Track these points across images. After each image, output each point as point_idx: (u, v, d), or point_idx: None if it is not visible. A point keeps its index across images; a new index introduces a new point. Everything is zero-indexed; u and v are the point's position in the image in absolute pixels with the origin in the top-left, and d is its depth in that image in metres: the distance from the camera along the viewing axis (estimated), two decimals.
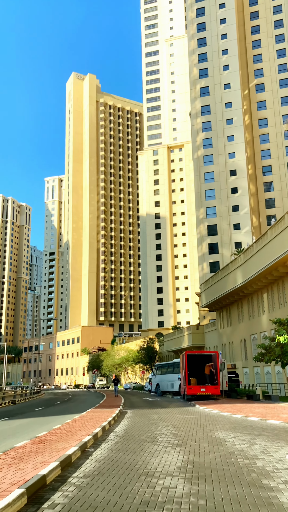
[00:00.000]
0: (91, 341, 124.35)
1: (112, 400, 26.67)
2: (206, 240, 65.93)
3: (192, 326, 58.60)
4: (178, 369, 33.77)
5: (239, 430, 11.19)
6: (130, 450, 8.15)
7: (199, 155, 68.62)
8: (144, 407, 21.30)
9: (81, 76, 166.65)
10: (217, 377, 25.11)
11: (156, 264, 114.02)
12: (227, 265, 44.46)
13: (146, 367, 70.99)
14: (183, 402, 25.60)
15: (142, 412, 17.74)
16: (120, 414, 16.60)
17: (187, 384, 25.03)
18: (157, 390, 38.86)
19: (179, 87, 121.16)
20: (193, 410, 18.84)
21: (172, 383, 34.71)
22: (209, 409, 18.68)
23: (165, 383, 36.56)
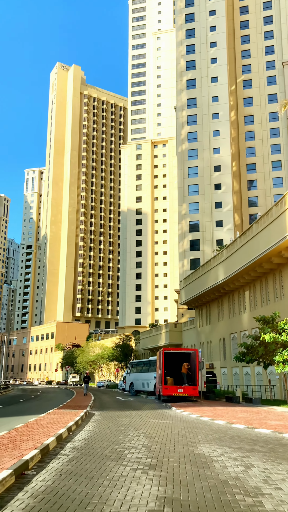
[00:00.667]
0: (66, 337, 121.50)
1: (81, 399, 24.48)
2: (188, 236, 64.20)
3: (170, 324, 56.79)
4: (154, 368, 31.78)
5: (226, 442, 9.23)
6: (86, 474, 6.04)
7: (183, 149, 66.81)
8: (115, 408, 19.23)
9: (66, 66, 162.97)
10: (196, 377, 23.22)
11: (136, 260, 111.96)
12: (209, 261, 42.73)
13: (121, 365, 68.90)
14: (158, 403, 23.60)
15: (112, 414, 15.67)
16: (85, 416, 14.46)
17: (163, 384, 23.00)
18: (130, 390, 36.78)
19: (165, 82, 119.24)
20: (169, 413, 16.87)
21: (147, 382, 32.71)
22: (187, 412, 16.71)
23: (140, 382, 34.54)
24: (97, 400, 25.59)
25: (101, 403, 23.07)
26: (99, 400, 26.40)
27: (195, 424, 12.89)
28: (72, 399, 25.37)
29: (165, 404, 21.99)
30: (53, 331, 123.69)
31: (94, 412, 16.81)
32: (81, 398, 26.51)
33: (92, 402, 21.78)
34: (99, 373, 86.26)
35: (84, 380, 31.92)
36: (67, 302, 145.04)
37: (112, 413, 16.47)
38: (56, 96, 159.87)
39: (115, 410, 17.85)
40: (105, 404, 22.26)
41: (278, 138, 66.35)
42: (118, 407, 19.77)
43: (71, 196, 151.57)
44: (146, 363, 34.32)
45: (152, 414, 16.07)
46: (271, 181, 65.87)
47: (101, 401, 24.68)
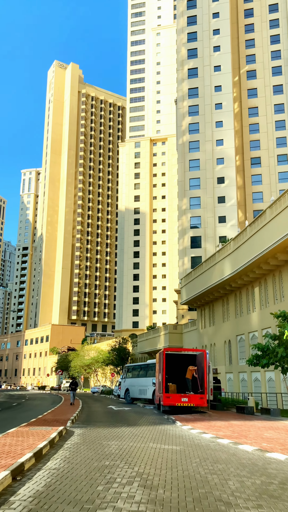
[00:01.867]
0: (61, 341, 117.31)
1: (65, 410, 20.53)
2: (189, 233, 60.48)
3: (169, 325, 52.90)
4: (153, 372, 27.91)
5: (281, 498, 5.40)
6: None
7: (184, 140, 63.22)
8: (104, 422, 15.36)
9: (63, 65, 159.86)
10: (204, 384, 19.35)
11: (133, 261, 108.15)
12: (213, 255, 38.94)
13: (117, 370, 64.90)
14: (158, 414, 19.71)
15: (97, 434, 11.80)
16: (59, 438, 10.61)
17: (165, 392, 19.09)
18: (126, 397, 32.81)
19: (164, 78, 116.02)
20: (174, 431, 13.02)
21: (145, 388, 28.82)
22: (198, 430, 12.87)
23: (136, 388, 30.63)
24: (85, 410, 21.66)
25: (88, 414, 19.15)
26: (87, 409, 22.46)
27: (213, 452, 9.05)
28: (54, 408, 21.46)
29: (166, 416, 18.10)
30: (48, 334, 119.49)
31: (75, 429, 12.93)
32: (65, 408, 22.56)
33: (77, 414, 17.89)
34: (94, 378, 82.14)
35: (70, 386, 26.73)
36: (63, 305, 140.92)
37: (99, 431, 12.59)
38: (53, 94, 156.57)
39: (103, 426, 13.95)
40: (93, 416, 18.34)
41: (284, 130, 62.89)
42: (109, 421, 15.87)
43: (67, 196, 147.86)
44: (144, 367, 30.44)
45: (151, 434, 12.23)
46: (277, 176, 62.31)
47: (89, 412, 20.77)
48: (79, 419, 16.46)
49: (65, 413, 17.85)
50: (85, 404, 27.94)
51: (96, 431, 12.56)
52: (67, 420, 14.73)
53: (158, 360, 21.19)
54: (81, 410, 20.69)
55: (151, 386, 27.57)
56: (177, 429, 13.65)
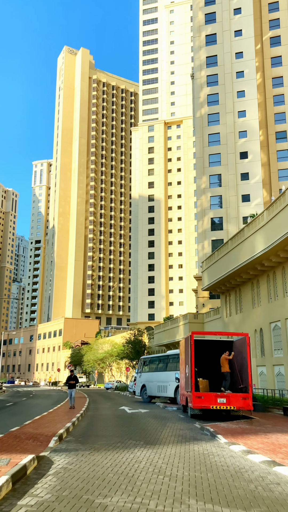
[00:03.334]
0: (75, 335, 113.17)
1: (60, 415, 15.50)
2: (209, 214, 55.11)
3: (189, 315, 47.78)
4: (175, 365, 22.94)
5: None
6: None
7: (203, 113, 57.69)
8: (109, 438, 10.32)
9: (74, 50, 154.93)
10: (249, 379, 14.22)
11: (148, 251, 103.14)
12: (241, 231, 33.58)
13: (133, 364, 60.15)
14: (185, 421, 14.65)
15: (91, 470, 6.52)
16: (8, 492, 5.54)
17: (194, 390, 13.99)
18: (142, 394, 27.88)
19: (178, 58, 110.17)
20: (222, 459, 7.79)
21: (165, 385, 23.88)
22: (261, 457, 7.72)
23: (155, 384, 25.69)
24: (89, 414, 16.66)
25: (91, 421, 14.16)
26: (92, 413, 17.48)
27: None
28: (50, 412, 16.54)
29: (199, 424, 12.99)
30: (61, 328, 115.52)
31: (58, 455, 7.85)
32: (64, 411, 17.54)
33: (75, 421, 12.95)
34: (109, 373, 77.62)
35: (68, 383, 20.03)
36: (76, 298, 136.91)
37: (96, 460, 7.48)
38: (63, 81, 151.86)
39: (106, 448, 8.82)
40: (96, 424, 13.23)
41: None
42: (117, 435, 10.86)
43: (79, 186, 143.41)
44: (163, 359, 25.49)
45: (185, 466, 7.13)
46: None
47: (93, 417, 15.75)
48: (75, 430, 11.52)
49: (57, 421, 12.95)
50: (92, 404, 23.13)
51: (91, 460, 7.53)
52: (54, 434, 9.83)
53: (183, 349, 16.16)
54: (83, 414, 15.80)
55: (172, 382, 22.64)
56: (225, 452, 8.56)
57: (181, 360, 17.06)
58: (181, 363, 17.05)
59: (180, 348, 17.45)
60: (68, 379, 20.27)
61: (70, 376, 20.46)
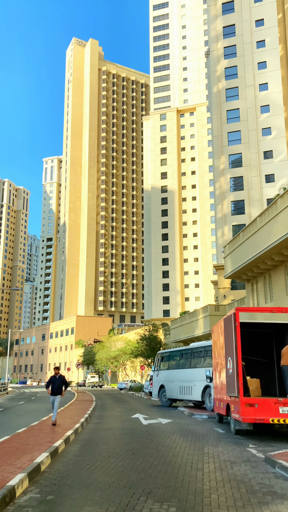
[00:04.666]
0: (87, 333, 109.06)
1: (45, 432, 10.61)
2: (229, 197, 50.24)
3: (209, 306, 43.03)
4: (200, 360, 18.33)
5: None
6: None
7: (220, 88, 52.83)
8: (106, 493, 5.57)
9: (82, 42, 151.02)
10: None
11: (162, 244, 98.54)
12: (273, 204, 28.73)
13: (148, 362, 55.62)
14: (229, 440, 9.88)
15: None
16: None
17: (243, 394, 9.24)
18: (161, 397, 23.23)
19: (191, 43, 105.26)
20: None
21: (189, 385, 19.29)
22: None
23: (176, 384, 21.07)
24: (85, 432, 11.61)
25: (84, 449, 9.05)
26: (92, 427, 12.73)
27: None
28: (29, 428, 11.43)
29: (258, 452, 8.20)
30: (73, 326, 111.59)
31: None
32: (48, 427, 12.10)
33: (52, 452, 7.97)
34: (122, 372, 73.22)
35: (49, 385, 13.27)
36: (89, 296, 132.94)
37: None
38: (72, 74, 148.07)
39: None
40: (91, 454, 8.17)
41: None
42: (121, 486, 5.66)
43: (90, 181, 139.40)
44: (186, 353, 20.87)
45: None
46: None
47: (90, 439, 10.45)
48: (53, 468, 6.76)
49: (31, 446, 8.21)
50: (98, 410, 18.66)
51: None
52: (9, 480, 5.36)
53: (220, 335, 11.50)
54: (78, 430, 11.21)
55: (199, 382, 18.08)
56: None
57: (216, 352, 12.47)
58: (216, 356, 12.44)
59: (214, 335, 12.89)
60: (51, 379, 13.20)
61: (53, 376, 13.23)
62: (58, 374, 13.21)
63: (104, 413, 17.24)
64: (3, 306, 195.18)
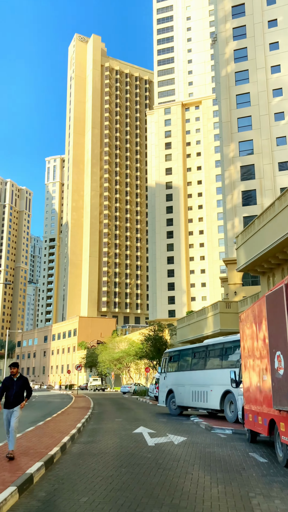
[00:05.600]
0: (90, 334, 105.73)
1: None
2: (239, 187, 46.85)
3: (220, 303, 39.59)
4: (218, 360, 14.97)
5: None
6: None
7: (229, 71, 49.53)
8: None
9: (85, 38, 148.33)
10: None
11: (167, 242, 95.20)
12: None
13: (153, 364, 52.21)
14: (278, 474, 6.50)
15: None
16: None
17: None
18: (169, 404, 19.76)
19: (196, 35, 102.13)
20: None
21: (205, 390, 15.92)
22: None
23: (188, 389, 17.63)
24: (66, 458, 8.16)
25: (53, 494, 5.40)
26: (78, 451, 9.19)
27: None
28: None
29: None
30: (76, 327, 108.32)
31: None
32: (17, 451, 8.48)
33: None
34: (126, 374, 69.81)
35: (2, 393, 8.45)
36: (92, 296, 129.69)
37: None
38: (74, 70, 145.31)
39: None
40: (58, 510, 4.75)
41: None
42: None
43: (93, 179, 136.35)
44: (200, 352, 17.44)
45: None
46: None
47: (68, 472, 6.87)
48: None
49: None
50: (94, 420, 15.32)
51: None
52: None
53: (260, 322, 8.09)
54: (56, 455, 7.79)
55: (217, 386, 14.75)
56: None
57: (247, 348, 9.12)
58: (248, 353, 9.06)
59: (244, 325, 9.52)
60: (4, 386, 8.57)
61: (9, 378, 8.72)
62: (17, 375, 8.61)
63: (100, 426, 13.90)
64: (6, 308, 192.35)
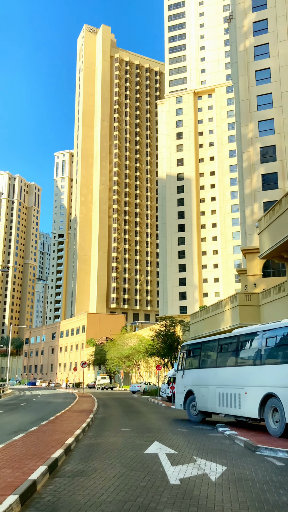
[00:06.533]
0: (99, 331, 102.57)
1: None
2: (259, 170, 43.06)
3: (239, 295, 35.87)
4: (261, 351, 11.43)
5: None
6: None
7: (247, 46, 45.73)
8: None
9: (94, 29, 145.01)
10: None
11: (178, 236, 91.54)
12: None
13: (164, 361, 48.72)
14: None
15: None
16: None
17: None
18: (188, 408, 16.05)
19: (209, 20, 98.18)
20: None
21: (237, 392, 12.36)
22: None
23: (213, 390, 13.97)
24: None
25: None
26: (64, 482, 5.90)
27: None
28: None
29: None
30: (84, 324, 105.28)
31: None
32: None
33: None
34: (136, 373, 66.46)
35: None
36: (101, 293, 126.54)
37: None
38: (83, 62, 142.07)
39: None
40: None
41: None
42: None
43: (102, 173, 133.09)
44: (231, 343, 13.74)
45: None
46: None
47: None
48: None
49: None
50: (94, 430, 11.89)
51: None
52: None
53: None
54: None
55: (254, 388, 11.25)
56: None
57: None
58: None
59: None
60: None
61: None
62: None
63: (100, 440, 10.44)
64: (14, 305, 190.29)
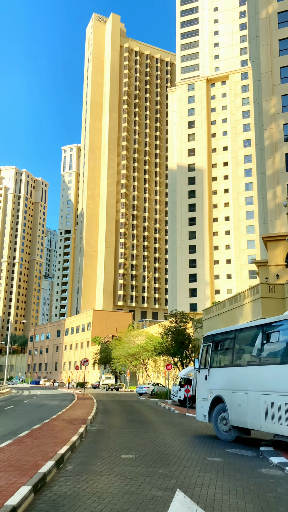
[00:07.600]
0: (105, 329, 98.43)
1: None
2: (282, 149, 38.63)
3: (262, 286, 31.52)
4: None
5: None
6: None
7: (270, 12, 41.26)
8: None
9: (103, 18, 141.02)
10: None
11: (189, 229, 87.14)
12: None
13: (175, 360, 44.39)
14: None
15: None
16: None
17: None
18: (215, 421, 11.86)
19: (223, 3, 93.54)
20: None
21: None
22: None
23: (255, 398, 9.53)
24: None
25: None
26: None
27: None
28: None
29: None
30: (90, 321, 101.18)
31: None
32: None
33: None
34: (143, 373, 62.21)
35: None
36: (107, 289, 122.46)
37: None
38: (92, 52, 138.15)
39: None
40: None
41: None
42: None
43: (110, 166, 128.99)
44: (278, 332, 9.61)
45: None
46: None
47: None
48: None
49: None
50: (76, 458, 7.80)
51: None
52: None
53: None
54: None
55: None
56: None
57: None
58: None
59: None
60: None
61: None
62: None
63: (80, 487, 6.03)
64: (20, 302, 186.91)
